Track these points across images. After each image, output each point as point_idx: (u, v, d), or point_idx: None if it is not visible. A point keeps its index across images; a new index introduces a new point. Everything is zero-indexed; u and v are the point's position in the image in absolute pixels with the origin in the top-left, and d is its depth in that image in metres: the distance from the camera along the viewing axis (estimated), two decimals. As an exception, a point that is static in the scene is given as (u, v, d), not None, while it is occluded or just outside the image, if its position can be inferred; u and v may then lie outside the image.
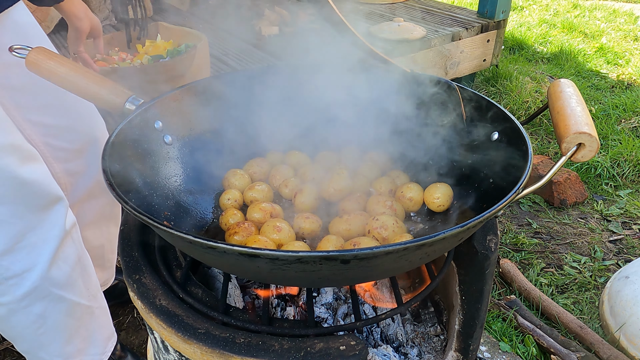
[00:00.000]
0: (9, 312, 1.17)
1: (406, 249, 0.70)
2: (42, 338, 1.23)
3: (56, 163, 1.36)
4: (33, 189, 1.10)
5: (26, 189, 1.08)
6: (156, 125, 1.08)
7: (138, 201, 0.93)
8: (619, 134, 2.94)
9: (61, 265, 1.19)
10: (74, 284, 1.24)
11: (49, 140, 1.32)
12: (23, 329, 1.20)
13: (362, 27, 1.39)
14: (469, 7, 4.16)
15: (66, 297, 1.22)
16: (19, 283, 1.13)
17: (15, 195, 1.07)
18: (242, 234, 0.98)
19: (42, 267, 1.14)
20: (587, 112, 0.91)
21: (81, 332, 1.32)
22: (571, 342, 1.67)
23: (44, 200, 1.13)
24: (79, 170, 1.41)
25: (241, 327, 0.87)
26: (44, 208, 1.13)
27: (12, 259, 1.10)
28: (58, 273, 1.18)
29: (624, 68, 3.91)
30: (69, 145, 1.36)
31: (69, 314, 1.25)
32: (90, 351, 1.38)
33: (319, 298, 1.17)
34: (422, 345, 1.20)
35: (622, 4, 5.50)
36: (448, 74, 3.08)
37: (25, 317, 1.18)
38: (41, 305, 1.18)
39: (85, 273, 1.30)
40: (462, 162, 1.11)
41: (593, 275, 2.06)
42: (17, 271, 1.11)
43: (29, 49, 1.01)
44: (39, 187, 1.11)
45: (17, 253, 1.10)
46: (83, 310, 1.29)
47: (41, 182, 1.12)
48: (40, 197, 1.12)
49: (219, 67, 2.49)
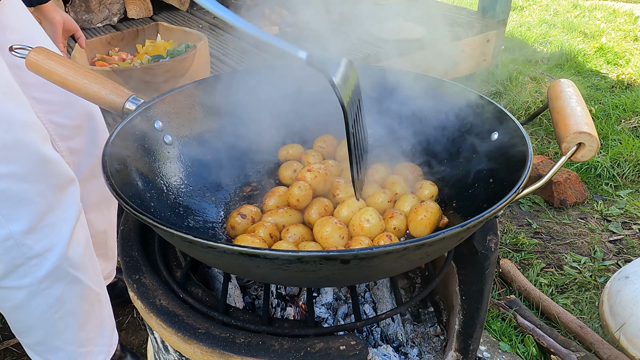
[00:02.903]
0: (29, 296, 1.17)
1: (406, 248, 0.70)
2: (58, 323, 1.25)
3: (60, 141, 1.39)
4: (53, 168, 1.12)
5: (48, 167, 1.11)
6: (156, 125, 1.08)
7: (138, 201, 0.93)
8: (619, 134, 2.94)
9: (76, 247, 1.21)
10: (86, 266, 1.26)
11: (52, 118, 1.34)
12: (41, 314, 1.22)
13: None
14: (469, 7, 4.16)
15: (82, 279, 1.24)
16: (40, 263, 1.14)
17: (40, 173, 1.09)
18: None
19: (61, 246, 1.16)
20: (587, 111, 0.91)
21: (92, 319, 1.34)
22: (571, 342, 1.67)
23: (62, 179, 1.15)
24: (80, 147, 1.43)
25: (241, 327, 0.87)
26: (62, 188, 1.16)
27: (35, 238, 1.12)
28: (74, 254, 1.20)
29: (624, 68, 3.91)
30: (70, 122, 1.38)
31: (83, 298, 1.27)
32: (99, 341, 1.40)
33: (319, 298, 1.17)
34: (422, 345, 1.20)
35: (622, 4, 5.50)
36: (448, 74, 3.08)
37: (44, 300, 1.19)
38: (60, 286, 1.20)
39: (92, 258, 1.32)
40: (462, 162, 1.12)
41: (593, 275, 2.06)
42: (39, 250, 1.13)
43: (29, 49, 1.01)
44: (58, 167, 1.14)
45: (39, 232, 1.12)
46: (94, 296, 1.32)
47: (59, 162, 1.14)
48: (59, 176, 1.14)
49: (219, 67, 2.49)
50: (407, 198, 1.07)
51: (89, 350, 1.36)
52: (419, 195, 1.09)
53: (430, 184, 1.11)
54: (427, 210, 1.00)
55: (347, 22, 3.14)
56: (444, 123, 1.16)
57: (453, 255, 1.08)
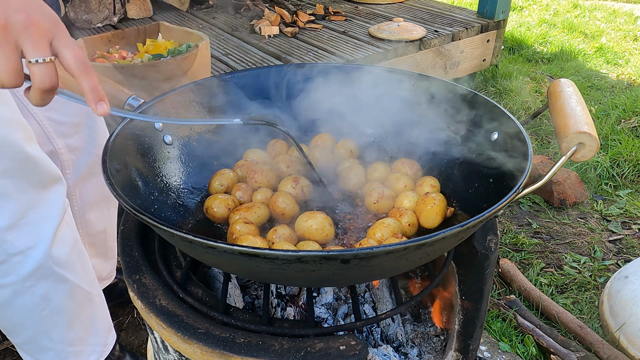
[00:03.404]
0: (14, 294, 1.18)
1: (406, 248, 0.70)
2: (46, 321, 1.25)
3: (58, 139, 1.39)
4: (36, 166, 1.12)
5: (30, 165, 1.11)
6: (156, 125, 1.08)
7: (138, 201, 0.93)
8: (618, 134, 2.94)
9: (61, 245, 1.21)
10: (73, 265, 1.26)
11: (51, 115, 1.34)
12: (27, 312, 1.21)
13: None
14: (469, 7, 4.16)
15: (68, 277, 1.24)
16: (23, 261, 1.14)
17: (20, 170, 1.09)
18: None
19: (45, 244, 1.16)
20: (587, 111, 0.91)
21: (82, 318, 1.33)
22: (571, 342, 1.67)
23: (45, 177, 1.15)
24: (79, 145, 1.44)
25: (241, 327, 0.87)
26: (45, 186, 1.16)
27: (16, 235, 1.12)
28: (59, 252, 1.20)
29: (624, 68, 3.92)
30: (68, 119, 1.38)
31: (70, 296, 1.26)
32: (91, 341, 1.39)
33: (319, 298, 1.17)
34: (422, 345, 1.20)
35: (622, 4, 5.50)
36: (448, 74, 3.08)
37: (29, 298, 1.19)
38: (45, 285, 1.20)
39: (82, 257, 1.32)
40: (462, 162, 1.12)
41: (593, 275, 2.06)
42: (21, 248, 1.13)
43: (29, 49, 1.01)
44: (42, 165, 1.13)
45: (21, 229, 1.12)
46: (83, 294, 1.31)
47: (43, 160, 1.14)
48: (41, 174, 1.14)
49: (219, 67, 2.49)
50: (406, 195, 1.07)
51: (80, 349, 1.36)
52: (421, 190, 1.10)
53: (431, 177, 1.12)
54: (434, 200, 1.02)
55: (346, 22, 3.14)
56: (444, 123, 1.16)
57: (453, 255, 1.08)
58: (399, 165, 1.18)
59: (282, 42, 2.82)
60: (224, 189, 1.12)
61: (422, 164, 1.18)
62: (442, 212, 1.02)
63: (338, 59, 2.59)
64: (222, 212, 1.05)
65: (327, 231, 0.97)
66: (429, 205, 1.02)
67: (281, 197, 1.05)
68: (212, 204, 1.05)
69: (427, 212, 1.02)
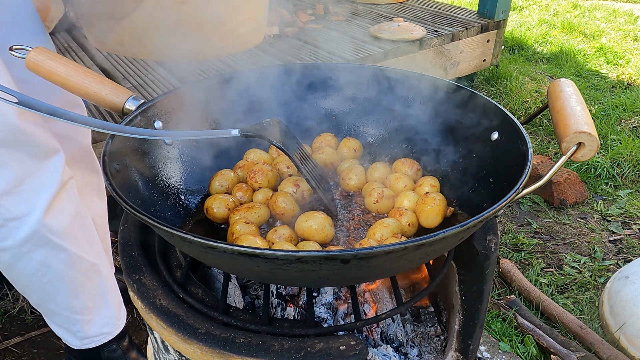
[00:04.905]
0: (14, 258, 1.22)
1: (406, 248, 0.70)
2: (47, 287, 1.29)
3: (43, 122, 1.39)
4: (32, 138, 1.14)
5: (25, 136, 1.13)
6: (156, 125, 1.08)
7: (138, 201, 0.93)
8: (618, 134, 2.94)
9: (57, 215, 1.23)
10: (74, 236, 1.28)
11: (35, 98, 1.34)
12: (28, 277, 1.26)
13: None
14: (469, 7, 4.16)
15: (66, 247, 1.26)
16: (19, 226, 1.18)
17: (16, 141, 1.12)
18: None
19: (38, 212, 1.18)
20: (587, 111, 0.91)
21: (88, 288, 1.36)
22: (571, 342, 1.67)
23: (42, 149, 1.17)
24: (62, 132, 1.44)
25: (241, 327, 0.87)
26: (42, 157, 1.18)
27: (12, 201, 1.15)
28: (54, 222, 1.22)
29: (624, 68, 3.92)
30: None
31: (71, 266, 1.29)
32: (103, 312, 1.42)
33: (319, 298, 1.17)
34: (422, 345, 1.20)
35: (622, 4, 5.50)
36: (448, 74, 3.08)
37: (28, 263, 1.23)
38: (42, 252, 1.23)
39: (86, 229, 1.34)
40: (462, 162, 1.12)
41: (593, 275, 2.06)
42: (17, 214, 1.16)
43: (29, 49, 1.01)
44: (38, 137, 1.15)
45: (17, 196, 1.15)
46: (88, 266, 1.33)
47: (40, 133, 1.16)
48: (38, 146, 1.16)
49: (219, 67, 2.49)
50: (406, 195, 1.07)
51: (90, 318, 1.40)
52: (421, 190, 1.10)
53: (431, 177, 1.12)
54: (434, 200, 1.03)
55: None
56: (444, 123, 1.16)
57: (453, 255, 1.08)
58: (399, 165, 1.18)
59: (282, 42, 2.82)
60: (224, 189, 1.12)
61: (422, 164, 1.19)
62: (442, 212, 1.02)
63: (338, 59, 2.59)
64: (222, 212, 1.05)
65: (327, 231, 0.98)
66: (429, 205, 1.02)
67: (281, 197, 1.05)
68: (212, 204, 1.05)
69: (427, 212, 1.02)
